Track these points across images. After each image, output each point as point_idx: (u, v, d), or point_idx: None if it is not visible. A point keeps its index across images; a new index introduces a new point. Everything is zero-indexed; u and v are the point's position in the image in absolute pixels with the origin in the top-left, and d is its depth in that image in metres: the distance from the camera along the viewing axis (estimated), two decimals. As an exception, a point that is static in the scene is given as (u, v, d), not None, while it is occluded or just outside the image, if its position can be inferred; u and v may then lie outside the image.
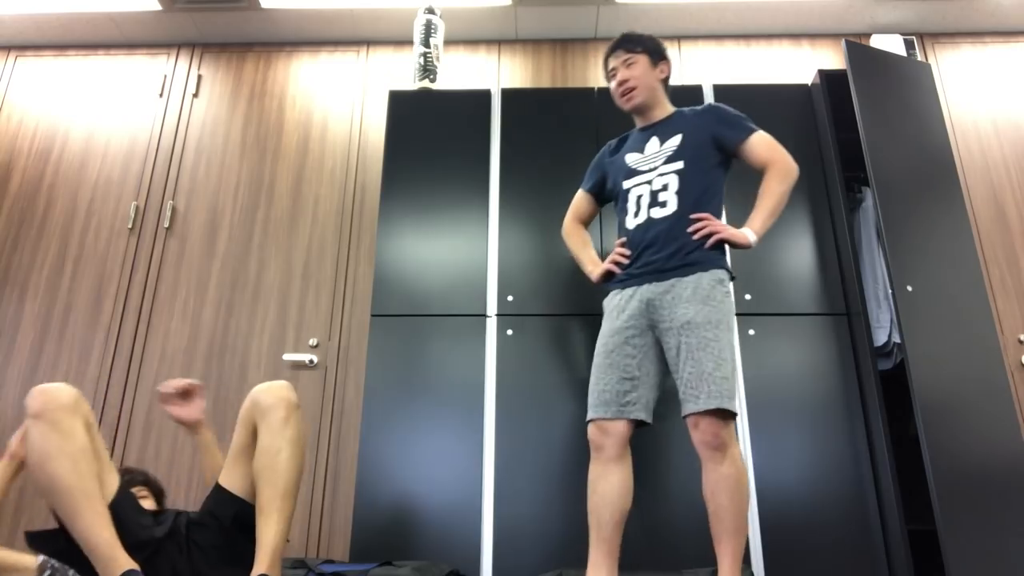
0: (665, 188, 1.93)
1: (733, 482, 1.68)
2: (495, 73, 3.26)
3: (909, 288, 2.26)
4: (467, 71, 3.27)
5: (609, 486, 1.78)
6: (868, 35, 3.25)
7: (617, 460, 1.79)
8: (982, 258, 2.83)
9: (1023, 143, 3.03)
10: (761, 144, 1.97)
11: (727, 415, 1.70)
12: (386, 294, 2.48)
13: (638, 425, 1.84)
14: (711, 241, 1.85)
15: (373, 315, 2.45)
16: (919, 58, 3.17)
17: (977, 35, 3.27)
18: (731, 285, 1.88)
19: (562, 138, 2.69)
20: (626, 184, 2.02)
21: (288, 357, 2.75)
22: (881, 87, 2.58)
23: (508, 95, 2.78)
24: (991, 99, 3.12)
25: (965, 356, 2.26)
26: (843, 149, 2.61)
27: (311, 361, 2.75)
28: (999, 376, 2.28)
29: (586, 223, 2.21)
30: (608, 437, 1.80)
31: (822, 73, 2.69)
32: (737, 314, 2.42)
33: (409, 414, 2.33)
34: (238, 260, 2.93)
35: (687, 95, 2.72)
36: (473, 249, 2.54)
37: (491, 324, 2.44)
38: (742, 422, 2.30)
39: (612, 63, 2.09)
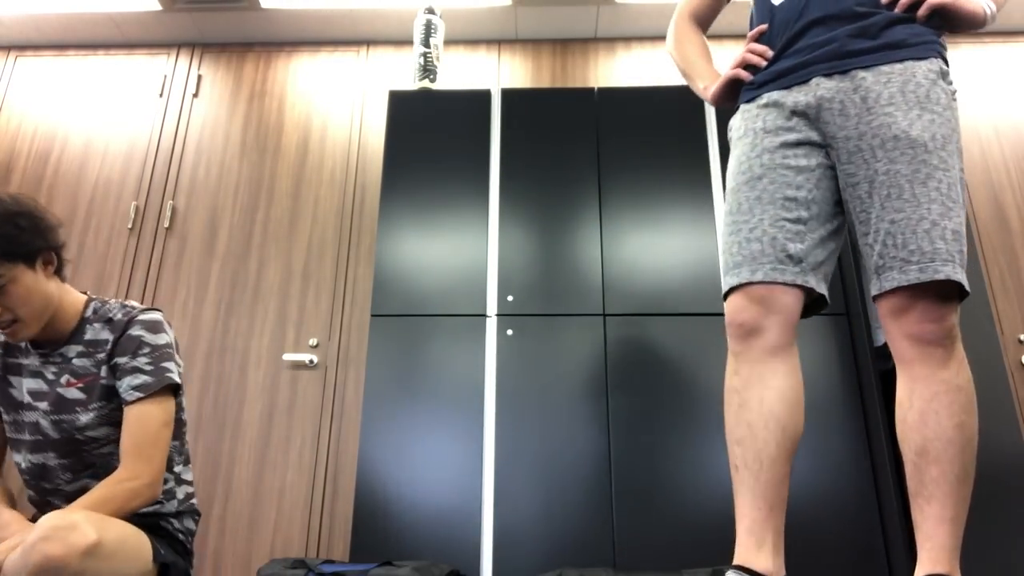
0: None
1: (964, 398, 1.08)
2: (495, 73, 3.26)
3: (909, 288, 2.26)
4: (467, 71, 3.27)
5: (772, 394, 1.16)
6: (868, 35, 3.25)
7: (783, 352, 1.18)
8: (982, 258, 2.83)
9: (1023, 144, 3.03)
10: None
11: (956, 292, 1.10)
12: (386, 294, 2.48)
13: (811, 303, 1.23)
14: (925, 8, 1.19)
15: (373, 315, 2.45)
16: (919, 58, 3.17)
17: (977, 35, 3.27)
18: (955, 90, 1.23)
19: (562, 138, 2.69)
20: None
21: (288, 357, 2.75)
22: (881, 87, 2.58)
23: (508, 95, 2.78)
24: (991, 99, 3.12)
25: (965, 356, 2.26)
26: (843, 149, 2.61)
27: (311, 361, 2.75)
28: (999, 376, 2.28)
29: (705, 24, 1.53)
30: (768, 312, 1.17)
31: (822, 73, 2.69)
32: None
33: (409, 414, 2.33)
34: (238, 260, 2.93)
35: (687, 95, 2.72)
36: (473, 249, 2.54)
37: (491, 324, 2.44)
38: (742, 422, 2.29)
39: None
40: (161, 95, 3.25)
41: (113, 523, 1.23)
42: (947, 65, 1.21)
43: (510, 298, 2.47)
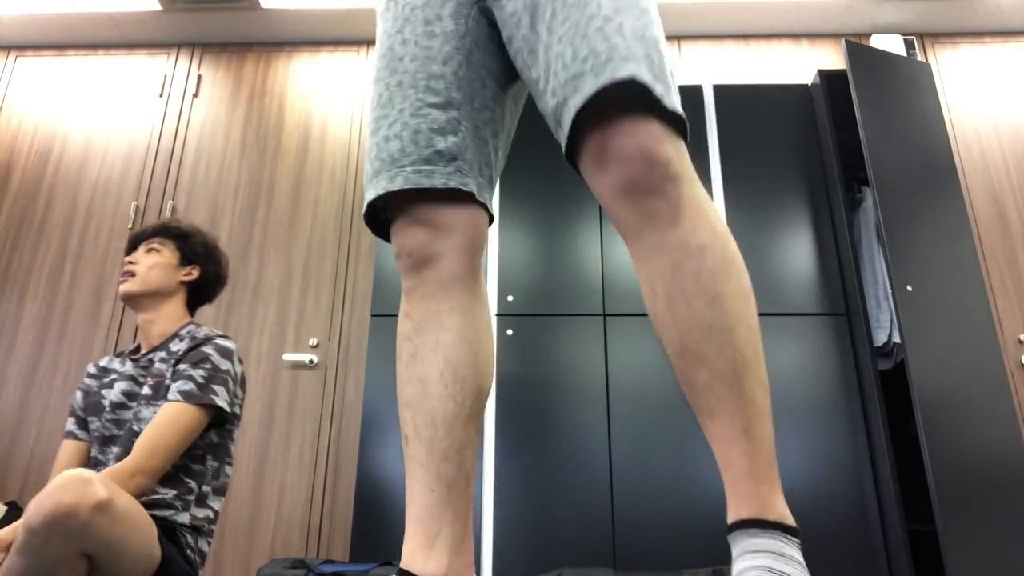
0: None
1: (712, 261, 0.76)
2: (495, 73, 3.26)
3: (909, 288, 2.26)
4: (467, 71, 3.27)
5: (449, 337, 0.89)
6: (868, 35, 3.25)
7: (461, 282, 0.91)
8: (982, 258, 2.83)
9: (1023, 144, 3.03)
10: None
11: (660, 115, 0.77)
12: (386, 294, 2.48)
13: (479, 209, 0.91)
14: None
15: (373, 315, 2.45)
16: (919, 58, 3.17)
17: (977, 35, 3.27)
18: None
19: (562, 138, 2.69)
20: None
21: (288, 357, 2.75)
22: (881, 87, 2.58)
23: (508, 95, 2.78)
24: (991, 99, 3.12)
25: (965, 356, 2.26)
26: (843, 149, 2.61)
27: (311, 361, 2.75)
28: (999, 376, 2.28)
29: None
30: (441, 234, 0.89)
31: (822, 73, 2.69)
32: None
33: (409, 414, 2.33)
34: (238, 260, 2.93)
35: (687, 95, 2.72)
36: (473, 249, 2.54)
37: (491, 324, 2.44)
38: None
39: None
40: (161, 95, 3.25)
41: (126, 495, 1.28)
42: None
43: (510, 298, 2.47)
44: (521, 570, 2.14)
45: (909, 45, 3.11)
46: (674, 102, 0.77)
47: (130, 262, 1.66)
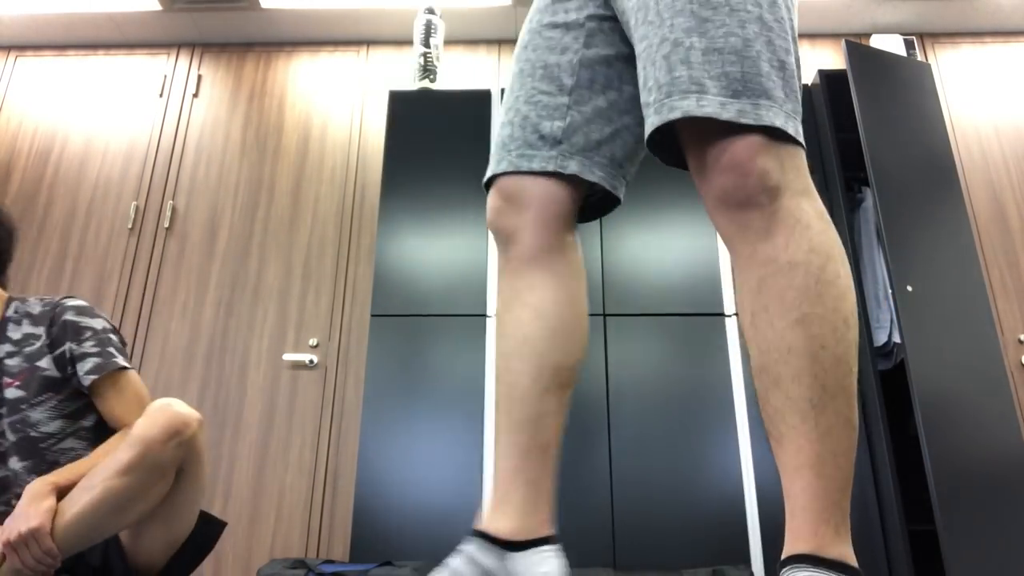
0: None
1: (801, 279, 0.72)
2: (495, 73, 3.26)
3: (909, 288, 2.26)
4: (467, 71, 3.27)
5: (527, 313, 0.92)
6: (868, 35, 3.25)
7: (547, 259, 0.92)
8: (982, 258, 2.83)
9: (1023, 143, 3.03)
10: None
11: (759, 129, 0.75)
12: (386, 294, 2.48)
13: (596, 200, 0.98)
14: None
15: (373, 315, 2.45)
16: (919, 58, 3.17)
17: (977, 35, 3.27)
18: None
19: (562, 138, 2.69)
20: None
21: (288, 357, 2.75)
22: (881, 87, 2.58)
23: (508, 95, 2.78)
24: (991, 99, 3.12)
25: (965, 356, 2.26)
26: (843, 149, 2.61)
27: (311, 361, 2.75)
28: (999, 376, 2.28)
29: None
30: (519, 210, 0.92)
31: (822, 73, 2.69)
32: (737, 314, 2.42)
33: (409, 414, 2.33)
34: (238, 260, 2.93)
35: (687, 95, 2.72)
36: (473, 249, 2.54)
37: (491, 324, 2.44)
38: (741, 423, 2.29)
39: None
40: (161, 95, 3.25)
41: None
42: None
43: (510, 298, 2.46)
44: (521, 570, 2.14)
45: (909, 45, 3.11)
46: (764, 115, 0.74)
47: None
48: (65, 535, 1.21)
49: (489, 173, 0.94)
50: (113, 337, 1.49)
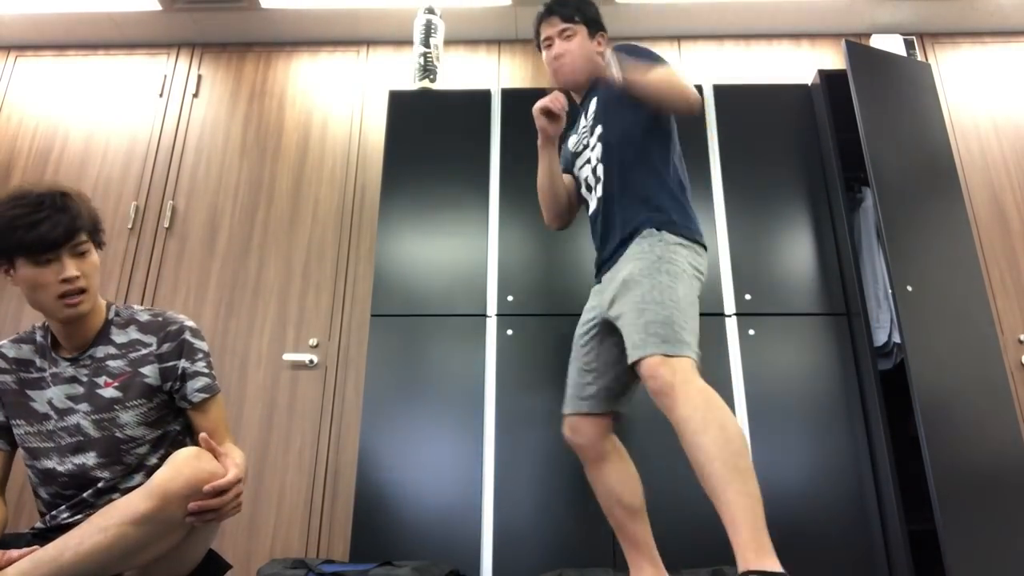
0: (598, 161, 1.74)
1: (693, 424, 1.33)
2: (495, 73, 3.26)
3: (909, 288, 2.26)
4: (467, 71, 3.27)
5: (605, 488, 1.69)
6: (868, 35, 3.25)
7: (601, 459, 1.69)
8: (982, 258, 2.83)
9: (1023, 143, 3.03)
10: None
11: (659, 359, 1.44)
12: (386, 294, 2.48)
13: (613, 418, 1.72)
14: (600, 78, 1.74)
15: (373, 315, 2.45)
16: (919, 58, 3.17)
17: (977, 35, 3.27)
18: (679, 244, 1.62)
19: (562, 138, 2.69)
20: (576, 171, 1.88)
21: (288, 357, 2.75)
22: (881, 87, 2.58)
23: (508, 95, 2.78)
24: (991, 99, 3.12)
25: (965, 356, 2.26)
26: (843, 149, 2.61)
27: (311, 361, 2.75)
28: (999, 376, 2.28)
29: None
30: (578, 436, 1.71)
31: (822, 73, 2.69)
32: (737, 314, 2.42)
33: (409, 414, 2.33)
34: (238, 260, 2.93)
35: (687, 95, 2.72)
36: (473, 249, 2.54)
37: (491, 324, 2.44)
38: (741, 423, 2.29)
39: (546, 31, 1.87)
40: (161, 95, 3.25)
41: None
42: (676, 231, 1.63)
43: (510, 298, 2.47)
44: (521, 570, 2.14)
45: (909, 45, 3.11)
46: (670, 349, 1.44)
47: (75, 277, 1.40)
48: (73, 572, 1.21)
49: (566, 411, 1.76)
50: (212, 361, 1.58)
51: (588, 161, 1.78)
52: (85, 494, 1.44)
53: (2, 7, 3.15)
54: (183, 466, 1.25)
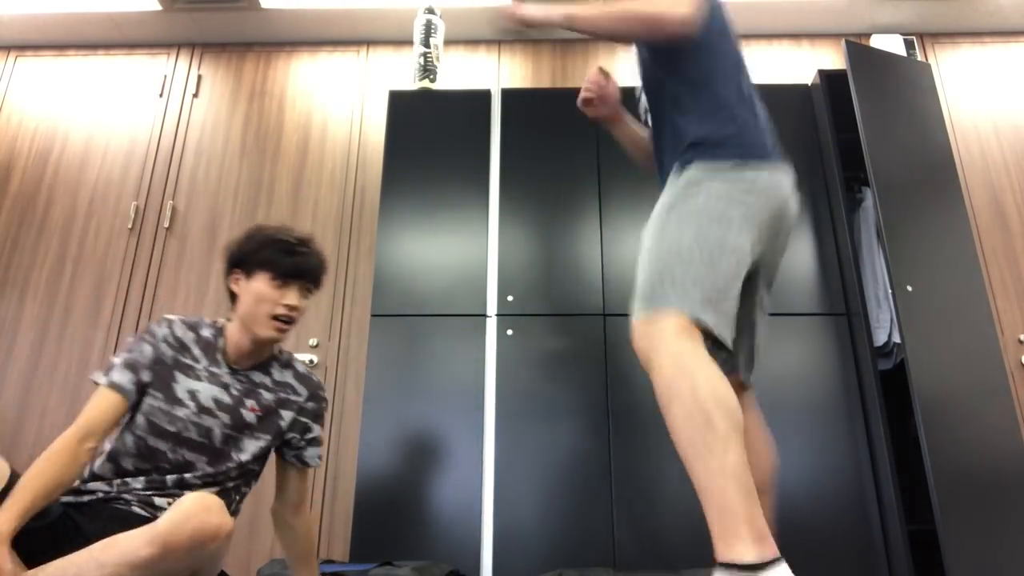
0: (647, 112, 1.66)
1: (662, 392, 1.20)
2: (495, 73, 3.26)
3: (909, 288, 2.26)
4: (467, 71, 3.27)
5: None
6: (868, 35, 3.25)
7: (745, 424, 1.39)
8: (982, 258, 2.83)
9: (1023, 143, 3.03)
10: None
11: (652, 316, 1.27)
12: (386, 294, 2.48)
13: (739, 385, 1.51)
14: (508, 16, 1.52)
15: (373, 315, 2.45)
16: (919, 58, 3.17)
17: (977, 35, 3.27)
18: (706, 175, 1.39)
19: (562, 138, 2.69)
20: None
21: (288, 357, 2.75)
22: (881, 87, 2.58)
23: (508, 95, 2.78)
24: (991, 99, 3.12)
25: (965, 356, 2.26)
26: (843, 149, 2.62)
27: (311, 361, 2.75)
28: (999, 376, 2.28)
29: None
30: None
31: (822, 73, 2.69)
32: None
33: (409, 414, 2.33)
34: (238, 260, 2.93)
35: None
36: (473, 249, 2.54)
37: (491, 324, 2.44)
38: (742, 422, 2.29)
39: None
40: (161, 95, 3.25)
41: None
42: (690, 163, 1.43)
43: (510, 298, 2.47)
44: (521, 570, 2.14)
45: (909, 45, 3.11)
46: (647, 310, 1.28)
47: (296, 308, 1.55)
48: None
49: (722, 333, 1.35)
50: None
51: (646, 111, 1.67)
52: (168, 478, 1.50)
53: (2, 7, 3.15)
54: (191, 517, 1.23)
